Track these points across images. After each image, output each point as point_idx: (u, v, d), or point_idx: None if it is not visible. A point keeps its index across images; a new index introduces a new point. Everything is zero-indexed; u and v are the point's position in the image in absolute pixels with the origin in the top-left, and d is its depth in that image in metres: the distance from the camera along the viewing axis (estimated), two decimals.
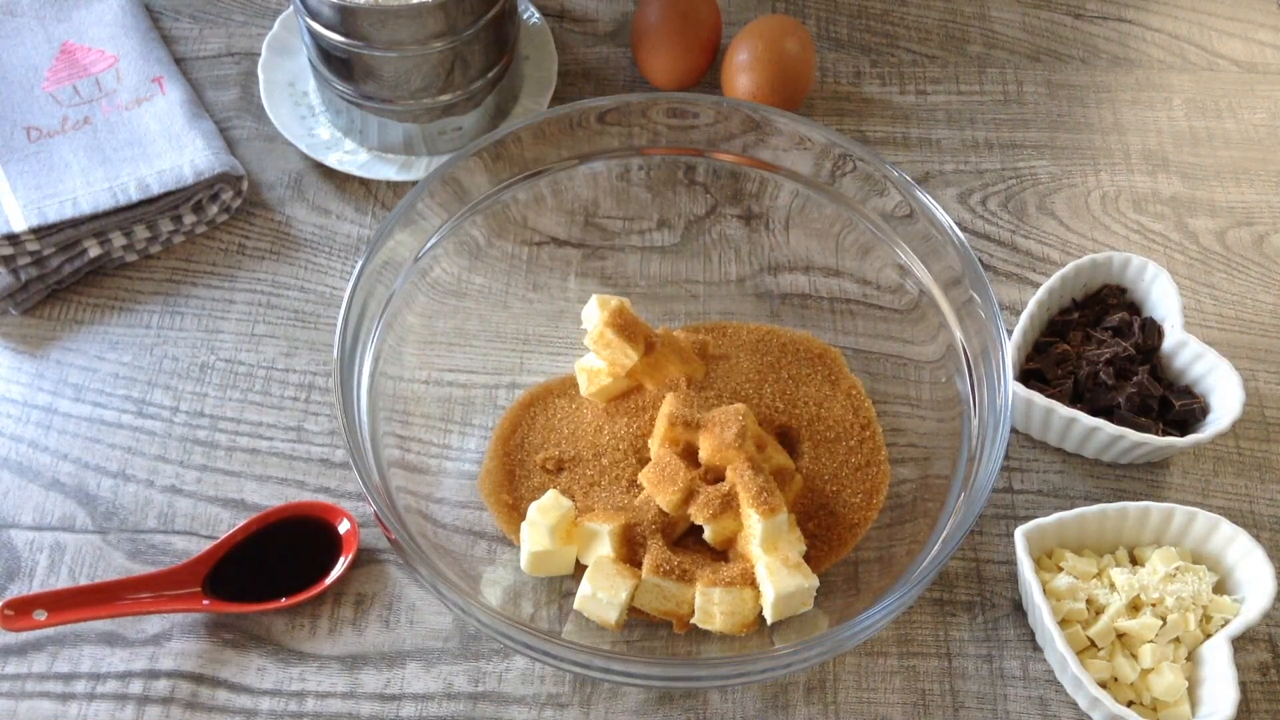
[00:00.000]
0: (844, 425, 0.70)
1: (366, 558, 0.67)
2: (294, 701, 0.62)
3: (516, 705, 0.62)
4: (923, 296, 0.68)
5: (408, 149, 0.80)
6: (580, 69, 0.87)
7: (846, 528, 0.66)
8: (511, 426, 0.70)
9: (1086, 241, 0.80)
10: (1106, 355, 0.70)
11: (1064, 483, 0.70)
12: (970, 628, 0.65)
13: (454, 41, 0.74)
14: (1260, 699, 0.63)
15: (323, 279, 0.77)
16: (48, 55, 0.83)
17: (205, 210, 0.77)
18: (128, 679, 0.63)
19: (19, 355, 0.74)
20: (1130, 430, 0.67)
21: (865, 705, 0.63)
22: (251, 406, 0.72)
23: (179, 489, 0.69)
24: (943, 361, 0.66)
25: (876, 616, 0.54)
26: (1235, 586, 0.64)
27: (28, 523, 0.68)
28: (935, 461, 0.65)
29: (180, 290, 0.76)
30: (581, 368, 0.70)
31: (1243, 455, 0.72)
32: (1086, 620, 0.63)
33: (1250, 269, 0.79)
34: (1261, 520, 0.69)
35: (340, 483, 0.69)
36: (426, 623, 0.65)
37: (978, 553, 0.68)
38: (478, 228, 0.70)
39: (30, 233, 0.73)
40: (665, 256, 0.76)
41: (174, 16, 0.89)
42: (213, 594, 0.64)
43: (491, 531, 0.67)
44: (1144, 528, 0.66)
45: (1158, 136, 0.86)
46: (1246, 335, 0.76)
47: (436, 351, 0.71)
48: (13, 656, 0.63)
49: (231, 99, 0.85)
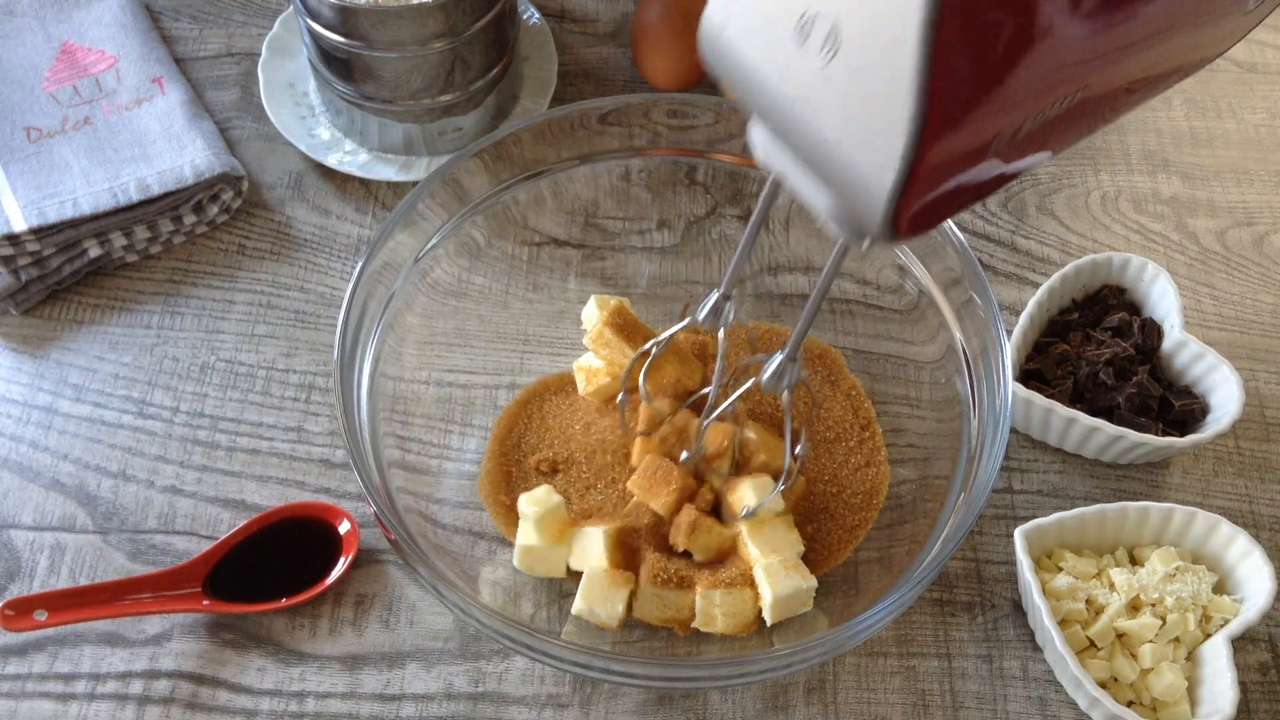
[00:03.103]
0: (844, 426, 0.70)
1: (366, 558, 0.67)
2: (294, 702, 0.62)
3: (516, 705, 0.63)
4: (922, 297, 0.68)
5: (408, 149, 0.80)
6: (580, 69, 0.87)
7: (846, 528, 0.66)
8: (508, 426, 0.70)
9: (1086, 242, 0.80)
10: (1106, 355, 0.70)
11: (1064, 483, 0.70)
12: (970, 628, 0.65)
13: (454, 42, 0.74)
14: (1260, 699, 0.63)
15: (323, 279, 0.77)
16: (48, 55, 0.83)
17: (205, 210, 0.78)
18: (128, 679, 0.63)
19: (19, 355, 0.74)
20: (1130, 430, 0.67)
21: (865, 705, 0.63)
22: (252, 407, 0.72)
23: (179, 489, 0.69)
24: (942, 362, 0.66)
25: (876, 617, 0.54)
26: (1235, 586, 0.64)
27: (28, 523, 0.68)
28: (935, 462, 0.65)
29: (180, 290, 0.76)
30: (580, 367, 0.70)
31: (1242, 455, 0.72)
32: (1086, 620, 0.63)
33: (1250, 269, 0.80)
34: (1261, 520, 0.69)
35: (340, 483, 0.69)
36: (426, 623, 0.65)
37: (978, 553, 0.68)
38: (478, 228, 0.70)
39: (30, 233, 0.73)
40: (665, 257, 0.76)
41: (174, 16, 0.89)
42: (213, 594, 0.64)
43: (491, 532, 0.67)
44: (1144, 528, 0.66)
45: (1158, 136, 0.86)
46: (1246, 335, 0.76)
47: (437, 352, 0.71)
48: (13, 656, 0.63)
49: (231, 99, 0.85)
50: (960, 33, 0.33)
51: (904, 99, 0.34)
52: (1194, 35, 0.42)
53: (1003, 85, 0.36)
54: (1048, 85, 0.37)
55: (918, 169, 0.36)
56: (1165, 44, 0.41)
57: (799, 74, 0.37)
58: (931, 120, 0.35)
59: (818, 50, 0.36)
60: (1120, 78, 0.41)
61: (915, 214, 0.38)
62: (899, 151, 0.35)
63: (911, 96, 0.34)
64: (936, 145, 0.36)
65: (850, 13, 0.35)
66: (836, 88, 0.36)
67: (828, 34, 0.36)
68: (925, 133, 0.35)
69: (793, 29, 0.37)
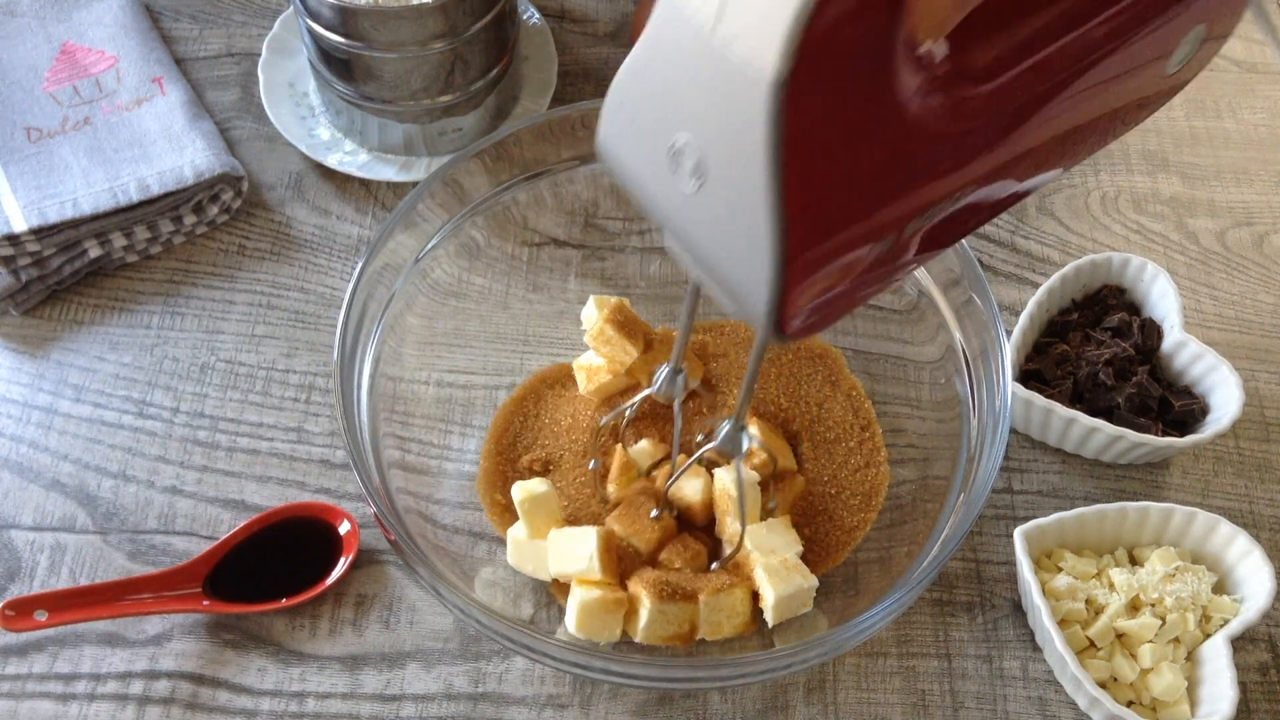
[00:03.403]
0: (844, 426, 0.70)
1: (366, 558, 0.67)
2: (294, 702, 0.62)
3: (516, 706, 0.63)
4: (922, 297, 0.68)
5: (408, 150, 0.80)
6: (580, 69, 0.87)
7: (846, 529, 0.66)
8: (505, 424, 0.70)
9: (1086, 242, 0.80)
10: (1106, 356, 0.70)
11: (1063, 483, 0.70)
12: (970, 628, 0.65)
13: (454, 42, 0.74)
14: (1260, 699, 0.64)
15: (323, 280, 0.77)
16: (48, 56, 0.83)
17: (205, 211, 0.78)
18: (128, 679, 0.63)
19: (19, 356, 0.74)
20: (1130, 430, 0.67)
21: (865, 705, 0.63)
22: (252, 407, 0.72)
23: (179, 489, 0.69)
24: (942, 362, 0.66)
25: (876, 617, 0.54)
26: (1235, 586, 0.64)
27: (28, 523, 0.68)
28: (935, 462, 0.65)
29: (180, 291, 0.76)
30: (580, 365, 0.70)
31: (1242, 455, 0.72)
32: (1086, 620, 0.63)
33: (1250, 269, 0.80)
34: (1261, 520, 0.69)
35: (340, 483, 0.69)
36: (426, 623, 0.65)
37: (977, 553, 0.68)
38: (478, 229, 0.70)
39: (30, 233, 0.73)
40: (665, 257, 0.76)
41: (174, 16, 0.89)
42: (213, 594, 0.64)
43: (491, 532, 0.67)
44: (1143, 528, 0.66)
45: (1157, 137, 0.86)
46: (1246, 335, 0.76)
47: (437, 352, 0.71)
48: (13, 657, 0.63)
49: (231, 99, 0.85)
50: (808, 167, 0.35)
51: (765, 228, 0.36)
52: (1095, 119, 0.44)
53: (862, 209, 0.37)
54: (917, 196, 0.39)
55: (789, 287, 0.37)
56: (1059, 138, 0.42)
57: (675, 196, 0.39)
58: (793, 246, 0.36)
59: (689, 177, 0.38)
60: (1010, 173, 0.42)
61: (802, 319, 0.40)
62: (767, 275, 0.37)
63: (771, 226, 0.36)
64: (802, 264, 0.37)
65: (711, 146, 0.36)
66: (708, 212, 0.38)
67: (695, 164, 0.37)
68: (788, 255, 0.36)
69: (666, 156, 0.38)
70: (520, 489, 0.63)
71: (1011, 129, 0.39)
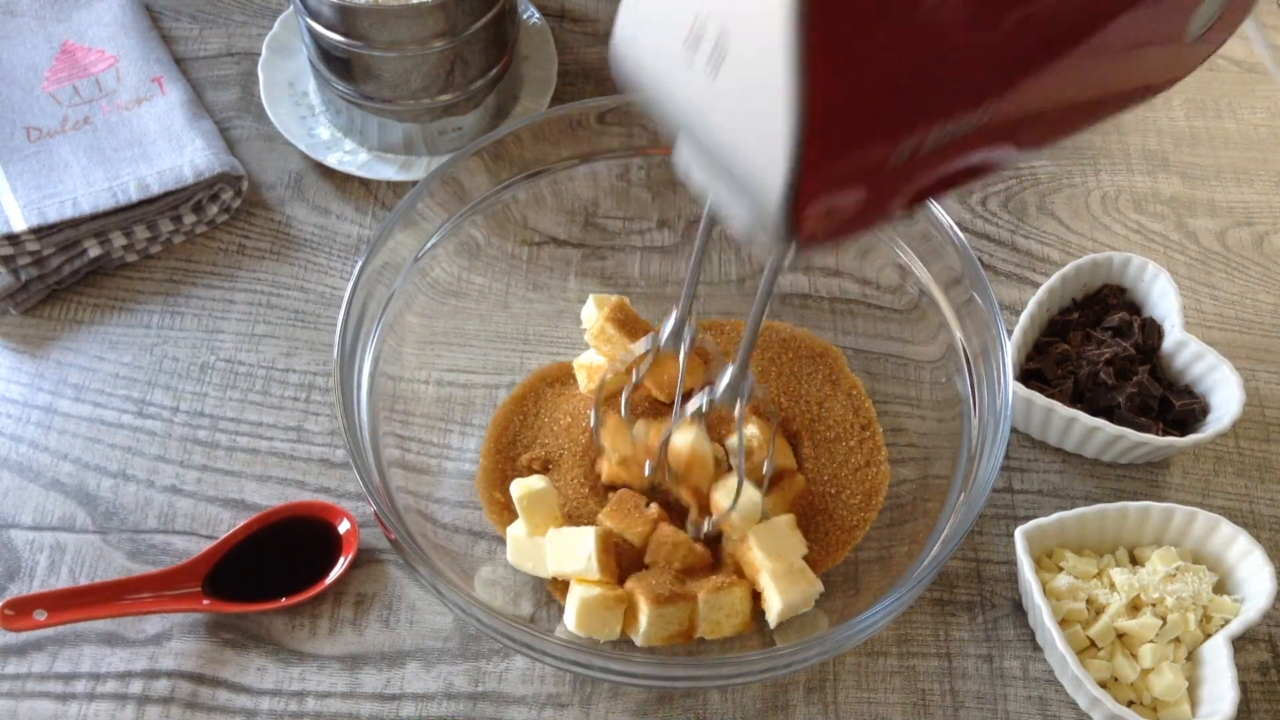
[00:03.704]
0: (844, 425, 0.70)
1: (366, 558, 0.67)
2: (294, 701, 0.62)
3: (516, 705, 0.62)
4: (923, 296, 0.68)
5: (408, 149, 0.80)
6: (580, 69, 0.87)
7: (846, 528, 0.66)
8: (504, 423, 0.70)
9: (1086, 241, 0.80)
10: (1106, 355, 0.70)
11: (1064, 483, 0.70)
12: (970, 628, 0.65)
13: (454, 42, 0.74)
14: (1260, 699, 0.63)
15: (323, 279, 0.77)
16: (48, 55, 0.83)
17: (205, 210, 0.77)
18: (128, 679, 0.63)
19: (19, 355, 0.74)
20: (1130, 430, 0.67)
21: (865, 705, 0.63)
22: (251, 406, 0.72)
23: (179, 489, 0.69)
24: (943, 361, 0.66)
25: (876, 616, 0.54)
26: (1235, 586, 0.64)
27: (28, 523, 0.68)
28: (935, 461, 0.65)
29: (180, 290, 0.76)
30: (580, 364, 0.70)
31: (1243, 455, 0.72)
32: (1086, 620, 0.63)
33: (1250, 269, 0.79)
34: (1261, 520, 0.69)
35: (340, 483, 0.69)
36: (426, 623, 0.65)
37: (978, 553, 0.68)
38: (478, 228, 0.70)
39: (30, 233, 0.73)
40: (665, 256, 0.76)
41: (174, 16, 0.89)
42: (213, 594, 0.64)
43: (491, 531, 0.67)
44: (1144, 528, 0.66)
45: (1158, 136, 0.86)
46: (1246, 335, 0.76)
47: (436, 351, 0.71)
48: (13, 656, 0.63)
49: (231, 99, 0.85)
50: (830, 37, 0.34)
51: (784, 102, 0.35)
52: (1122, 59, 0.43)
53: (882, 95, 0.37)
54: (940, 97, 0.38)
55: (806, 171, 0.37)
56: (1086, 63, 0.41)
57: (692, 84, 0.39)
58: (812, 119, 0.36)
59: (706, 60, 0.38)
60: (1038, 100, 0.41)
61: (817, 218, 0.39)
62: (784, 155, 0.37)
63: (790, 97, 0.35)
64: (820, 147, 0.37)
65: (733, 19, 0.36)
66: (725, 96, 0.38)
67: (714, 43, 0.37)
68: (806, 134, 0.36)
69: (684, 40, 0.38)
70: (519, 486, 0.63)
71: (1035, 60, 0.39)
